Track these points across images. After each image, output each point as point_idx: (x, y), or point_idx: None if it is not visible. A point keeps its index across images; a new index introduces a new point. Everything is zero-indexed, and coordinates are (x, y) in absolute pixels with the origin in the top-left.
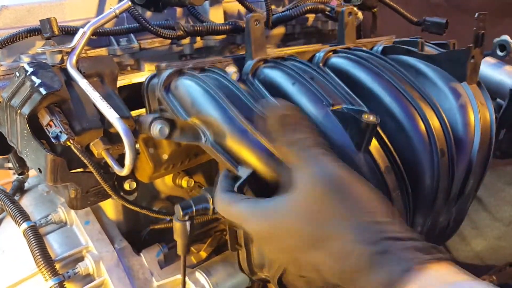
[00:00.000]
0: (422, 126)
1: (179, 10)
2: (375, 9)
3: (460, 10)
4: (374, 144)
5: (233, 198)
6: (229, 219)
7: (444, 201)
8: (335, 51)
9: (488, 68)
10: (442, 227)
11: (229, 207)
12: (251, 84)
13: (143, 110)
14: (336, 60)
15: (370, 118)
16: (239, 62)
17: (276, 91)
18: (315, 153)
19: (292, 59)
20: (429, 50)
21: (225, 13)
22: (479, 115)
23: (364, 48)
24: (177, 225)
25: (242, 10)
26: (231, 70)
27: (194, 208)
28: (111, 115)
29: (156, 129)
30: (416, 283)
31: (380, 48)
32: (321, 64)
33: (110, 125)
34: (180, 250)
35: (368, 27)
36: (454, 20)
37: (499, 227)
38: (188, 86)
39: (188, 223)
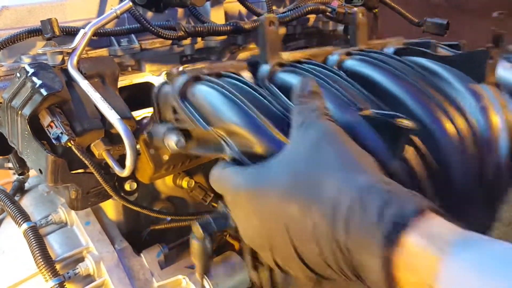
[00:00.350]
0: (450, 128)
1: (180, 10)
2: (376, 10)
3: (460, 10)
4: (408, 149)
5: (227, 166)
6: (220, 191)
7: (474, 205)
8: (349, 54)
9: (504, 70)
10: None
11: (221, 174)
12: (268, 90)
13: (144, 111)
14: (352, 63)
15: (405, 122)
16: (253, 67)
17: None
18: (315, 115)
19: (309, 62)
20: (442, 51)
21: (226, 13)
22: (503, 116)
23: (379, 50)
24: (195, 246)
25: (243, 10)
26: (246, 75)
27: (214, 226)
28: (112, 116)
29: (172, 140)
30: (427, 226)
31: (392, 50)
32: (335, 67)
33: (111, 126)
34: (199, 272)
35: (369, 27)
36: (454, 20)
37: (499, 227)
38: (208, 93)
39: (208, 243)
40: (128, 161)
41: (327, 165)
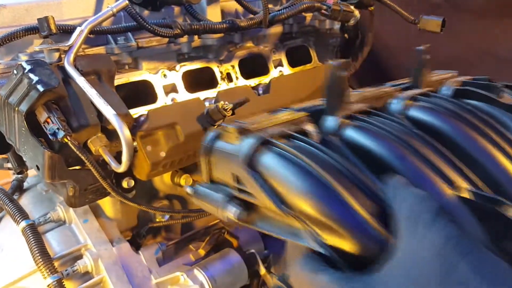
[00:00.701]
0: None
1: (176, 9)
2: (372, 8)
3: (460, 10)
4: None
5: (319, 268)
6: None
7: None
8: (414, 98)
9: None
10: None
11: (313, 279)
12: (339, 150)
13: (141, 108)
14: (420, 114)
15: None
16: (314, 116)
17: (376, 164)
18: (430, 210)
19: (378, 114)
20: (506, 96)
21: (222, 11)
22: None
23: (443, 96)
24: None
25: (240, 9)
26: (310, 129)
27: None
28: (108, 112)
29: (230, 212)
30: None
31: (451, 91)
32: (400, 116)
33: (108, 122)
34: None
35: (365, 25)
36: (454, 20)
37: None
38: (285, 168)
39: None
40: (124, 157)
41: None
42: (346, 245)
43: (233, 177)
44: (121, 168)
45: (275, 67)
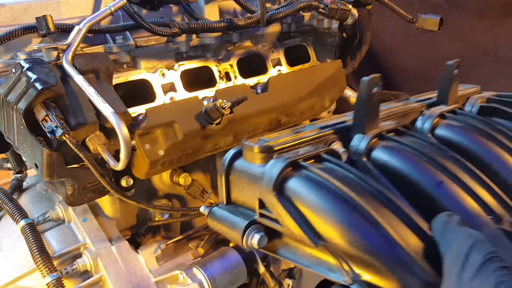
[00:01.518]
0: None
1: (174, 8)
2: (370, 6)
3: (460, 10)
4: None
5: None
6: None
7: None
8: (442, 116)
9: None
10: None
11: None
12: (373, 174)
13: (139, 107)
14: (450, 134)
15: None
16: (340, 133)
17: (411, 189)
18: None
19: (408, 133)
20: None
21: (220, 10)
22: None
23: (471, 114)
24: None
25: (238, 8)
26: (339, 148)
27: None
28: (106, 109)
29: (254, 239)
30: None
31: (476, 108)
32: (429, 135)
33: (106, 120)
34: None
35: (363, 24)
36: (455, 20)
37: None
38: (319, 194)
39: None
40: (122, 154)
41: None
42: (386, 283)
43: (255, 201)
44: (119, 166)
45: (274, 66)
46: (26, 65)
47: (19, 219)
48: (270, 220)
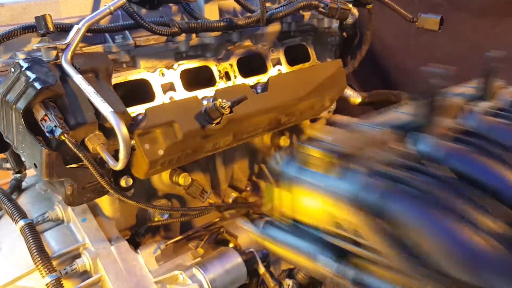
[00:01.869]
0: None
1: (174, 8)
2: (370, 6)
3: (460, 10)
4: None
5: None
6: None
7: None
8: (492, 114)
9: None
10: None
11: None
12: (438, 179)
13: (139, 107)
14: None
15: None
16: (399, 132)
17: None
18: None
19: (477, 134)
20: None
21: (220, 10)
22: None
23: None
24: None
25: (237, 7)
26: (400, 148)
27: None
28: (105, 109)
29: (330, 266)
30: None
31: (509, 103)
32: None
33: (105, 120)
34: None
35: (364, 24)
36: (455, 19)
37: None
38: (435, 222)
39: None
40: (121, 154)
41: None
42: None
43: (330, 220)
44: (119, 166)
45: (274, 65)
46: (25, 65)
47: (18, 219)
48: (351, 244)
